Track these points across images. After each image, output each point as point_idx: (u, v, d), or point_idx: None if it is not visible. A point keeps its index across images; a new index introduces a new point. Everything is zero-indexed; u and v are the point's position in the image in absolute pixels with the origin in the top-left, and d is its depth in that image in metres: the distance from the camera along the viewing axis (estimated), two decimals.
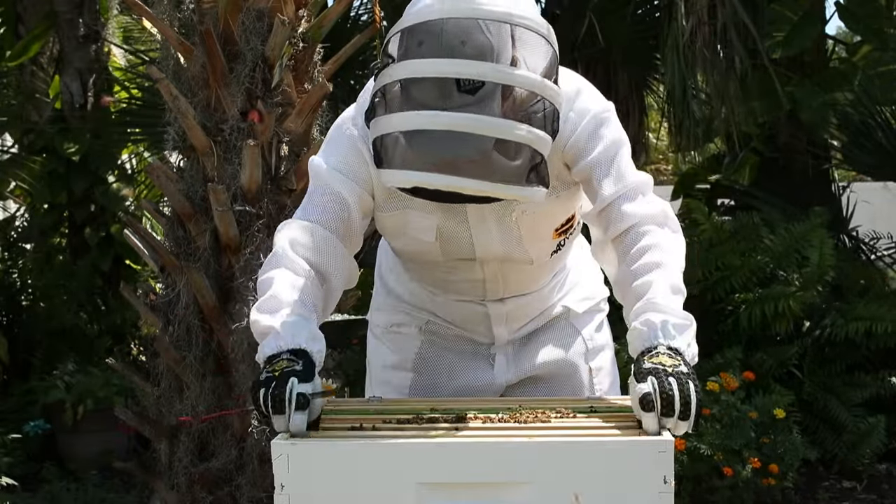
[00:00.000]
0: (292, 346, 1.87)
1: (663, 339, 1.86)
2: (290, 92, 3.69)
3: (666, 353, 1.83)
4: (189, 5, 3.73)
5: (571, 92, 2.02)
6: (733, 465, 4.41)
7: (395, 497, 1.74)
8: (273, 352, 1.88)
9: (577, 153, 2.05)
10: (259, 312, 1.95)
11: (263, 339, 1.92)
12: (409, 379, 2.34)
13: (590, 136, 2.04)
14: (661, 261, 1.99)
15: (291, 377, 1.81)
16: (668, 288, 1.95)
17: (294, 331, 1.90)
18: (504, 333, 2.32)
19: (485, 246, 2.13)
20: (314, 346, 1.91)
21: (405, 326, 2.36)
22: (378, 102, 1.86)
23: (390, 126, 1.82)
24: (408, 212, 2.08)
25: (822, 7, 6.61)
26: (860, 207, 6.62)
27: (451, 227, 2.10)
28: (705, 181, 7.34)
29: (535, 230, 2.13)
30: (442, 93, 1.77)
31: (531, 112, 1.81)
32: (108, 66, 7.07)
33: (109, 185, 6.62)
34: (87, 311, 6.43)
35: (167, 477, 3.66)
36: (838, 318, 5.18)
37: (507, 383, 2.32)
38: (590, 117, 2.04)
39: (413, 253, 2.22)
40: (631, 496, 1.72)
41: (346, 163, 2.07)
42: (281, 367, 1.84)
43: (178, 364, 3.60)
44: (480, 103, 1.76)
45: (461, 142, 1.76)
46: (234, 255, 3.60)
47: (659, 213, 2.06)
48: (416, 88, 1.80)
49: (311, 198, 2.10)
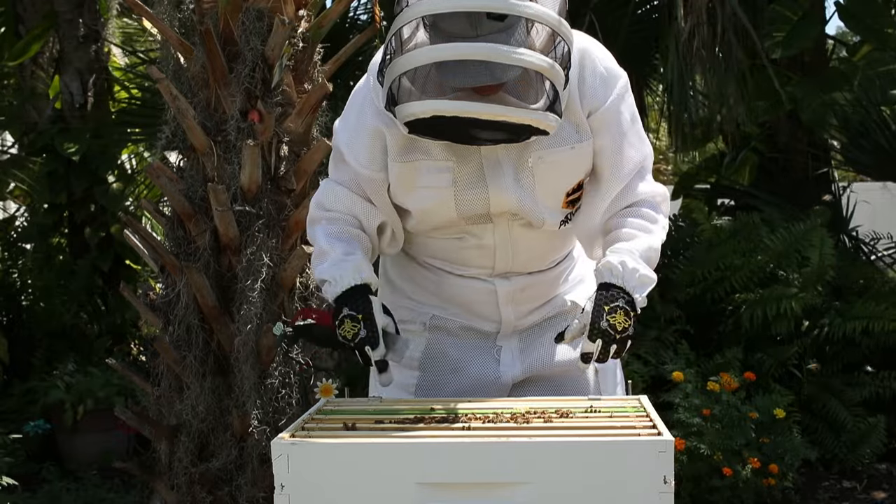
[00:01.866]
0: (345, 287, 2.10)
1: (628, 287, 2.06)
2: (290, 92, 3.69)
3: (623, 309, 2.04)
4: (189, 5, 3.73)
5: (598, 51, 2.16)
6: (733, 466, 4.41)
7: (395, 497, 1.75)
8: (334, 296, 2.12)
9: (603, 121, 2.16)
10: (313, 266, 2.24)
11: (324, 286, 2.17)
12: (414, 377, 2.34)
13: (619, 105, 2.16)
14: (651, 229, 2.19)
15: (364, 346, 2.05)
16: (647, 246, 2.15)
17: (342, 272, 2.12)
18: (511, 316, 2.31)
19: (499, 195, 2.16)
20: (360, 277, 2.11)
21: (409, 324, 2.35)
22: (395, 49, 1.93)
23: (409, 63, 1.90)
24: (421, 162, 2.15)
25: (822, 7, 6.62)
26: (860, 207, 6.62)
27: (467, 173, 2.14)
28: (705, 181, 7.34)
29: (548, 182, 2.17)
30: (472, 22, 1.86)
31: (548, 48, 1.91)
32: (108, 66, 7.07)
33: (109, 185, 6.62)
34: (87, 311, 6.43)
35: (167, 477, 3.66)
36: (838, 319, 5.18)
37: (513, 380, 2.32)
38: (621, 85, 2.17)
39: (426, 211, 2.22)
40: (631, 496, 1.72)
41: (357, 127, 2.19)
42: (352, 334, 2.06)
43: (178, 364, 3.61)
44: (508, 30, 1.86)
45: (480, 71, 1.85)
46: (234, 255, 3.60)
47: (661, 193, 2.25)
48: (444, 21, 1.88)
49: (335, 161, 2.26)
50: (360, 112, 2.18)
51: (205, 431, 3.60)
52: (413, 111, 1.92)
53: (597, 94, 2.13)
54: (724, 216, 6.40)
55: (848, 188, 6.85)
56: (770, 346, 5.19)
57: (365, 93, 2.18)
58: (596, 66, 2.14)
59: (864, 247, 6.39)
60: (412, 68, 1.90)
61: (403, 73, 1.92)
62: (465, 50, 1.85)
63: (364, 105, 2.17)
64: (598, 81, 2.13)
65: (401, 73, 1.91)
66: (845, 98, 6.35)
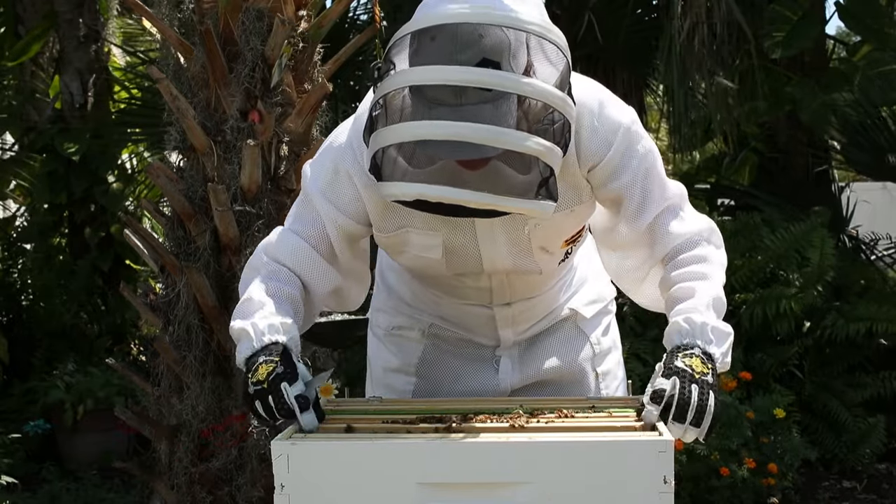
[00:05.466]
0: (265, 343, 1.88)
1: (701, 342, 1.87)
2: (290, 92, 3.69)
3: (700, 357, 1.83)
4: (189, 5, 3.73)
5: (593, 103, 1.96)
6: (730, 465, 4.41)
7: (395, 497, 1.74)
8: (247, 354, 1.88)
9: (609, 171, 1.99)
10: (234, 318, 1.97)
11: (239, 343, 1.92)
12: (411, 384, 2.31)
13: (623, 154, 1.98)
14: (706, 273, 2.00)
15: (281, 383, 1.81)
16: (711, 298, 1.95)
17: (264, 328, 1.90)
18: (510, 336, 2.28)
19: (493, 260, 2.09)
20: (287, 336, 1.90)
21: (407, 330, 2.32)
22: (379, 115, 1.79)
23: (392, 137, 1.76)
24: (409, 232, 2.04)
25: (822, 7, 6.62)
26: (860, 207, 6.62)
27: (458, 241, 2.05)
28: (705, 181, 7.34)
29: (546, 243, 2.09)
30: (456, 90, 1.71)
31: (543, 123, 1.75)
32: (108, 66, 7.07)
33: (109, 185, 6.62)
34: (87, 311, 6.43)
35: (167, 477, 3.66)
36: (839, 319, 5.18)
37: (512, 387, 2.28)
38: (622, 132, 1.97)
39: (417, 268, 2.18)
40: (631, 496, 1.72)
41: (332, 188, 2.04)
42: (265, 374, 1.83)
43: (178, 364, 3.60)
44: (497, 101, 1.70)
45: (465, 145, 1.70)
46: (234, 255, 3.60)
47: (706, 228, 2.07)
48: (430, 88, 1.73)
49: (298, 209, 2.09)
50: (336, 172, 2.04)
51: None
52: (394, 192, 1.78)
53: (596, 151, 1.96)
54: (724, 216, 6.39)
55: (848, 188, 6.85)
56: (770, 346, 5.19)
57: (346, 147, 2.04)
58: (592, 121, 1.95)
59: (863, 247, 6.39)
60: (396, 143, 1.76)
61: (388, 146, 1.78)
62: (449, 130, 1.69)
63: (343, 156, 2.03)
64: (596, 139, 1.96)
65: (384, 146, 1.77)
66: (845, 98, 6.35)
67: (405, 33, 1.80)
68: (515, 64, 1.72)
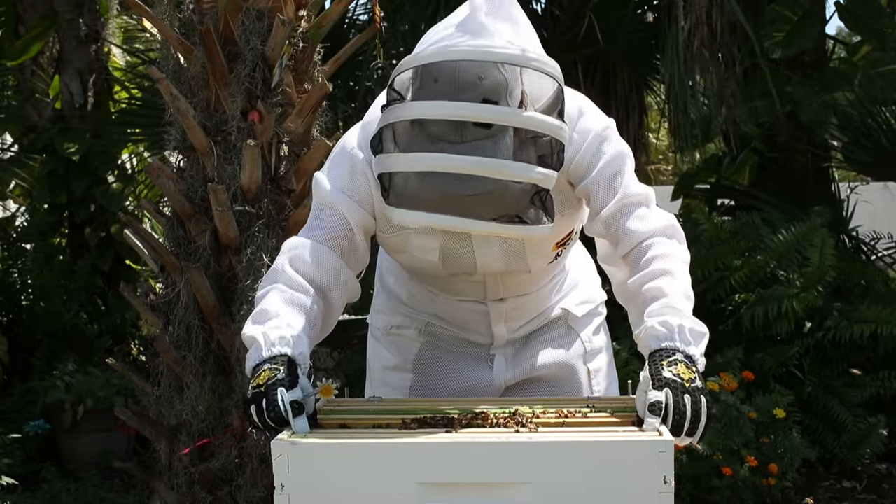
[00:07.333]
0: (273, 354, 1.91)
1: (681, 345, 1.90)
2: (290, 92, 3.69)
3: (684, 363, 1.87)
4: (189, 5, 3.73)
5: (574, 112, 2.06)
6: (732, 465, 4.41)
7: (395, 497, 1.74)
8: (255, 362, 1.93)
9: (580, 173, 2.10)
10: (248, 324, 2.01)
11: (249, 351, 1.97)
12: (408, 380, 2.37)
13: (592, 155, 2.08)
14: (670, 269, 2.03)
15: (278, 388, 1.84)
16: (681, 293, 1.99)
17: (274, 339, 1.94)
18: (503, 332, 2.34)
19: (486, 263, 2.18)
20: (296, 350, 1.93)
21: (405, 329, 2.39)
22: (386, 137, 1.88)
23: (399, 165, 1.84)
24: (410, 235, 2.12)
25: (822, 7, 6.61)
26: (860, 207, 6.62)
27: (454, 246, 2.14)
28: (705, 181, 7.34)
29: (537, 247, 2.16)
30: (457, 128, 1.80)
31: (540, 148, 1.85)
32: (108, 66, 7.07)
33: (109, 185, 6.62)
34: (87, 311, 6.42)
35: (167, 477, 3.66)
36: (842, 321, 5.18)
37: (506, 383, 2.35)
38: (592, 136, 2.08)
39: (414, 268, 2.27)
40: (631, 496, 1.72)
41: (351, 186, 2.10)
42: (265, 379, 1.87)
43: (178, 364, 3.60)
44: (495, 136, 1.80)
45: (471, 184, 1.79)
46: (234, 255, 3.60)
47: (667, 225, 2.11)
48: (432, 124, 1.82)
49: (316, 217, 2.13)
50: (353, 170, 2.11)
51: (205, 431, 3.60)
52: (404, 220, 1.88)
53: (571, 156, 2.06)
54: (724, 216, 6.40)
55: (848, 188, 6.84)
56: (770, 346, 5.19)
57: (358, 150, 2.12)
58: (571, 131, 2.03)
59: (864, 247, 6.39)
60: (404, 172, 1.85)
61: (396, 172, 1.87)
62: (455, 162, 1.79)
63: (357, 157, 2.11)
64: (572, 146, 2.05)
65: (392, 171, 1.87)
66: (845, 98, 6.35)
67: (408, 67, 1.88)
68: (512, 98, 1.82)
